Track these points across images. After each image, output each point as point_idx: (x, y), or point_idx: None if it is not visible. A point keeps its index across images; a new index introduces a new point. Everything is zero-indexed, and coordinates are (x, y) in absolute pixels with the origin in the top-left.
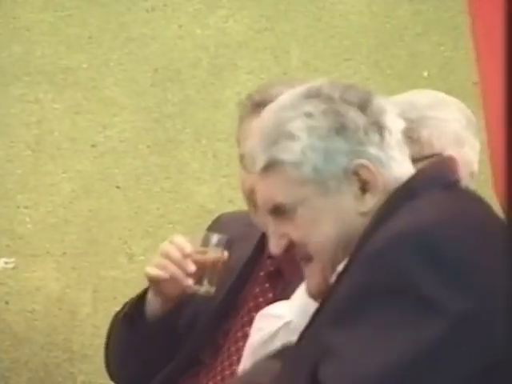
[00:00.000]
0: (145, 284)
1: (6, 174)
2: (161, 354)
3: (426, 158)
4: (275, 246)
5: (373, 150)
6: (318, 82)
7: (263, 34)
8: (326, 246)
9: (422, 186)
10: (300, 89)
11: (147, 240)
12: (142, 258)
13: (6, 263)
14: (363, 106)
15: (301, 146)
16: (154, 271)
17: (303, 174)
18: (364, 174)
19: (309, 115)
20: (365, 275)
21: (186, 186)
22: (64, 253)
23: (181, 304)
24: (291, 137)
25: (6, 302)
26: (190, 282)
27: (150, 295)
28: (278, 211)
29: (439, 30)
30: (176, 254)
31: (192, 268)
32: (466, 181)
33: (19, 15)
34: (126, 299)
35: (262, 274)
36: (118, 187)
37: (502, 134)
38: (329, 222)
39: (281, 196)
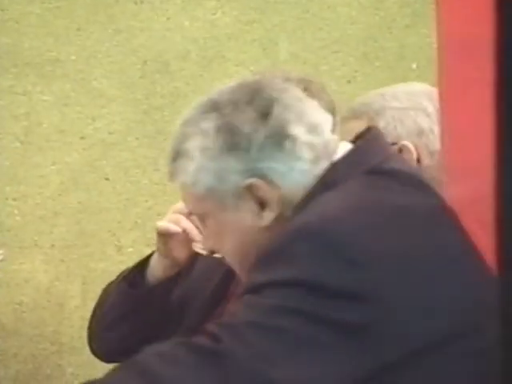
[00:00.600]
0: None
1: None
2: (152, 322)
3: None
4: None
5: (270, 165)
6: (223, 89)
7: (252, 26)
8: (231, 257)
9: (338, 177)
10: (203, 100)
11: (136, 232)
12: (131, 249)
13: None
14: (264, 116)
15: (194, 166)
16: (165, 225)
17: (199, 192)
18: (258, 192)
19: (205, 133)
20: (263, 272)
21: None
22: (52, 245)
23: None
24: (187, 156)
25: None
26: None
27: (154, 259)
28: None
29: (427, 22)
30: None
31: None
32: (431, 170)
33: (7, 7)
34: None
35: None
36: (106, 179)
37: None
38: (231, 235)
39: (190, 206)
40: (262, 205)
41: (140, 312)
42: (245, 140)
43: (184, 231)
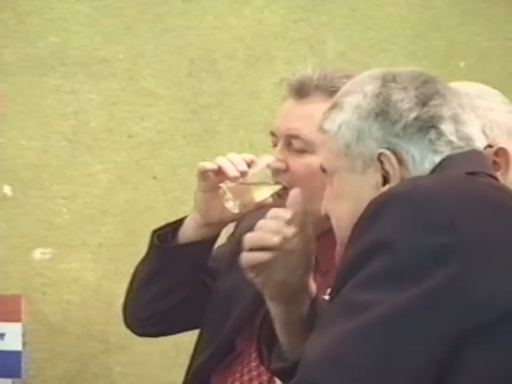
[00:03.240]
0: None
1: (42, 164)
2: (182, 285)
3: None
4: None
5: (407, 146)
6: (402, 69)
7: (299, 25)
8: (342, 223)
9: (442, 168)
10: (379, 71)
11: None
12: None
13: (43, 254)
14: (423, 102)
15: (342, 118)
16: (203, 163)
17: (337, 146)
18: (386, 164)
19: (364, 94)
20: (355, 242)
21: None
22: (100, 243)
23: (211, 247)
24: (341, 108)
25: (43, 293)
26: (237, 173)
27: (187, 219)
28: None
29: (476, 21)
30: (234, 154)
31: (244, 167)
32: None
33: (55, 6)
34: None
35: None
36: (154, 178)
37: None
38: (350, 200)
39: (324, 160)
40: (385, 179)
41: (169, 270)
42: (396, 114)
43: (219, 169)
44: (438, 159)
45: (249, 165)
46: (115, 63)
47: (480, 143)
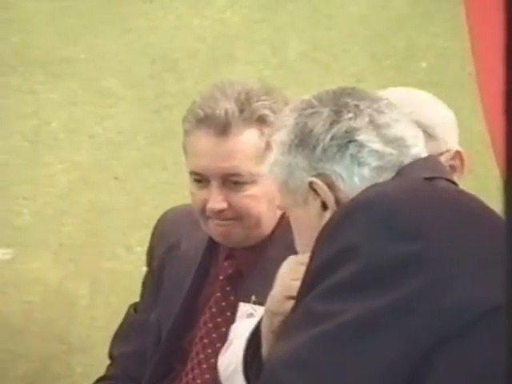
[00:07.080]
0: (141, 275)
1: (3, 165)
2: None
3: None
4: None
5: (332, 167)
6: (321, 91)
7: (261, 25)
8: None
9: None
10: (297, 102)
11: (145, 231)
12: (140, 249)
13: (4, 254)
14: (336, 120)
15: (271, 160)
16: None
17: (277, 184)
18: (319, 191)
19: (285, 129)
20: (320, 251)
21: (182, 177)
22: (61, 244)
23: None
24: (271, 149)
25: (4, 293)
26: None
27: None
28: None
29: (437, 21)
30: None
31: None
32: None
33: (16, 5)
34: (124, 290)
35: (221, 277)
36: (115, 178)
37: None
38: (305, 233)
39: (278, 200)
40: (324, 205)
41: None
42: (314, 139)
43: None
44: (366, 171)
45: None
46: (76, 63)
47: (413, 140)
